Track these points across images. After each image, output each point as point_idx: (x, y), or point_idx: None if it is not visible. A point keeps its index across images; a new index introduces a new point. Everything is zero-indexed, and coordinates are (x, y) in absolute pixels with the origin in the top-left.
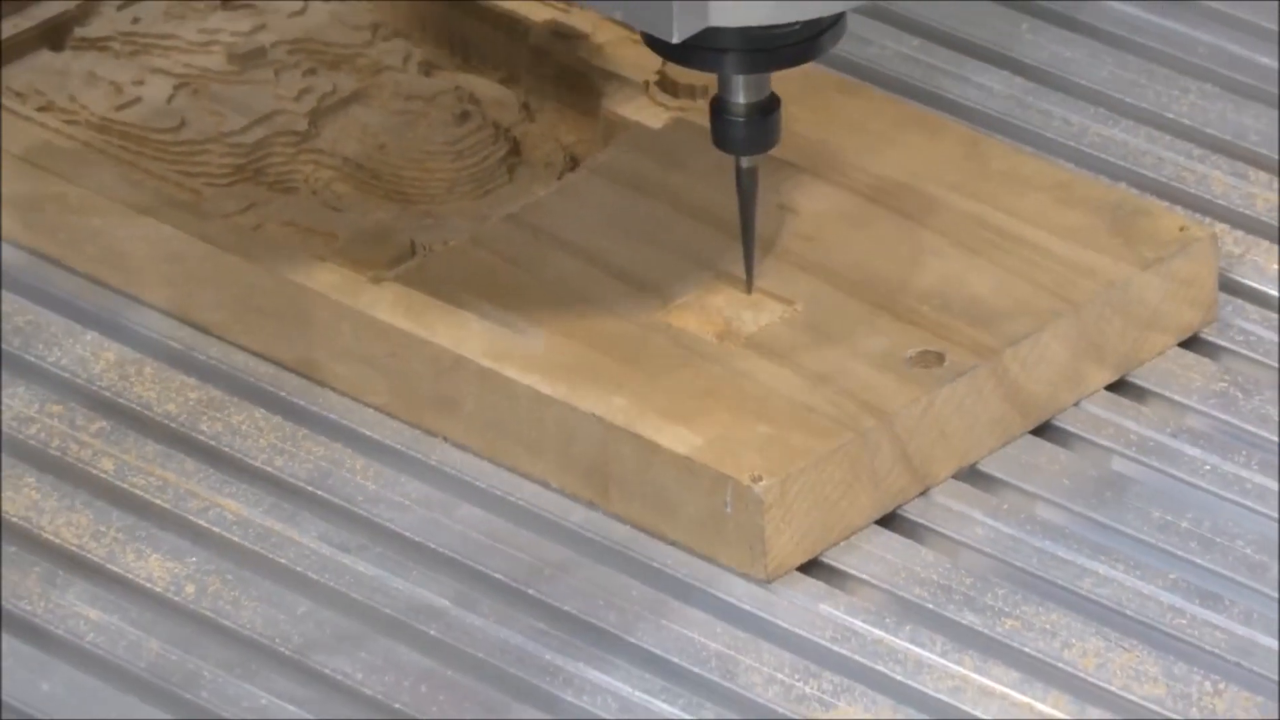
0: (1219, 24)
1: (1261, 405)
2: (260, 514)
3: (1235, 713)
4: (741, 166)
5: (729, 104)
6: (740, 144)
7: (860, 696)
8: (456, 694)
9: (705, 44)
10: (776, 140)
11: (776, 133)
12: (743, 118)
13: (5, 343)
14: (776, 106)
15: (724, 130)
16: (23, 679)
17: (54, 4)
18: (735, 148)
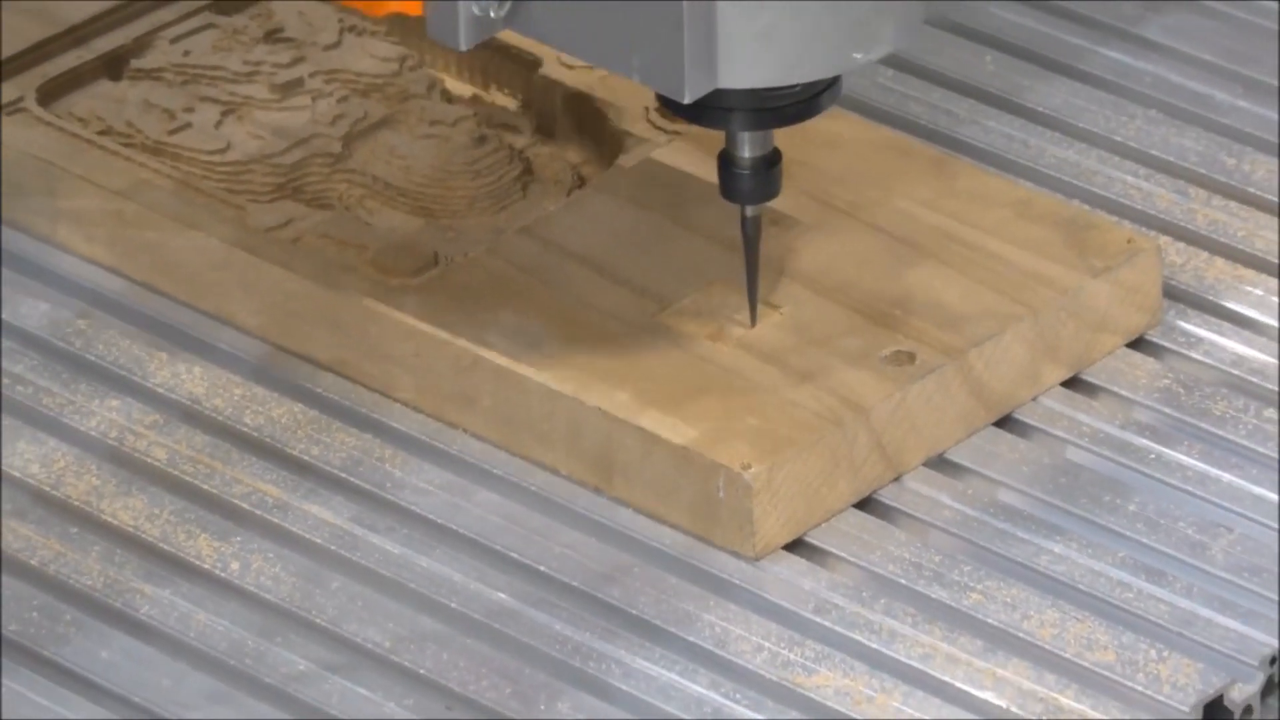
0: (1161, 56)
1: (1201, 400)
2: (298, 498)
3: (1178, 678)
4: (747, 215)
5: (735, 158)
6: (746, 195)
7: (840, 663)
8: (474, 659)
9: (714, 103)
10: (778, 191)
11: (778, 184)
12: (748, 170)
13: (67, 344)
14: (779, 160)
15: (731, 182)
16: (84, 647)
17: (113, 37)
18: (741, 198)
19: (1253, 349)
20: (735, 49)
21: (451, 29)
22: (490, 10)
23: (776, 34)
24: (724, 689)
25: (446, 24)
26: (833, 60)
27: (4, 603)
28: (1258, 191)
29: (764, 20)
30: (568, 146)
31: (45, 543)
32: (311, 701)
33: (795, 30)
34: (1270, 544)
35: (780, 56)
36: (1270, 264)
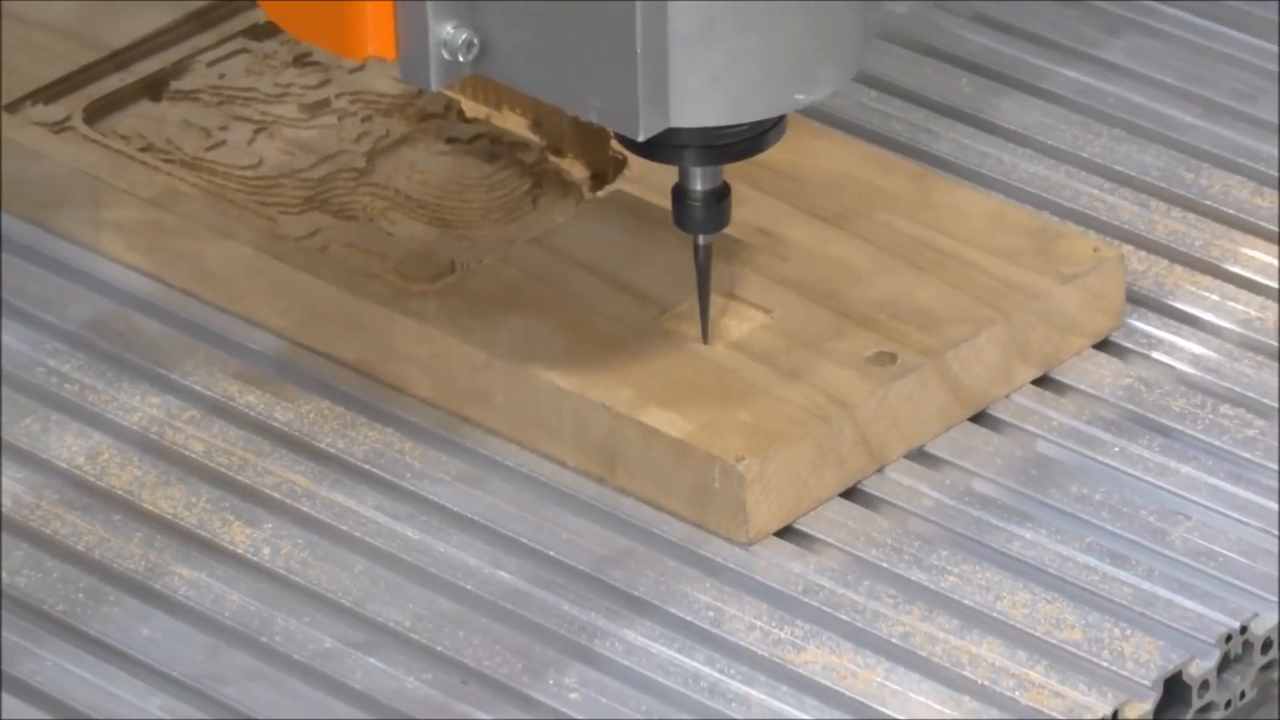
0: (1124, 78)
1: (1161, 397)
2: (325, 488)
3: (1140, 655)
4: (698, 244)
5: (688, 191)
6: (698, 225)
7: (826, 641)
8: (488, 637)
9: (667, 141)
10: (728, 222)
11: (728, 215)
12: (700, 203)
13: (110, 344)
14: (728, 193)
15: (683, 213)
16: (127, 625)
17: (153, 62)
18: (693, 228)
19: (1209, 350)
20: (686, 90)
21: (424, 72)
22: (459, 55)
23: (725, 77)
24: (719, 665)
25: (419, 68)
26: (777, 101)
27: (52, 584)
28: (1214, 204)
29: (713, 64)
30: (574, 163)
31: (90, 529)
32: (336, 676)
33: (742, 73)
34: (1225, 530)
35: (728, 98)
36: (1225, 270)
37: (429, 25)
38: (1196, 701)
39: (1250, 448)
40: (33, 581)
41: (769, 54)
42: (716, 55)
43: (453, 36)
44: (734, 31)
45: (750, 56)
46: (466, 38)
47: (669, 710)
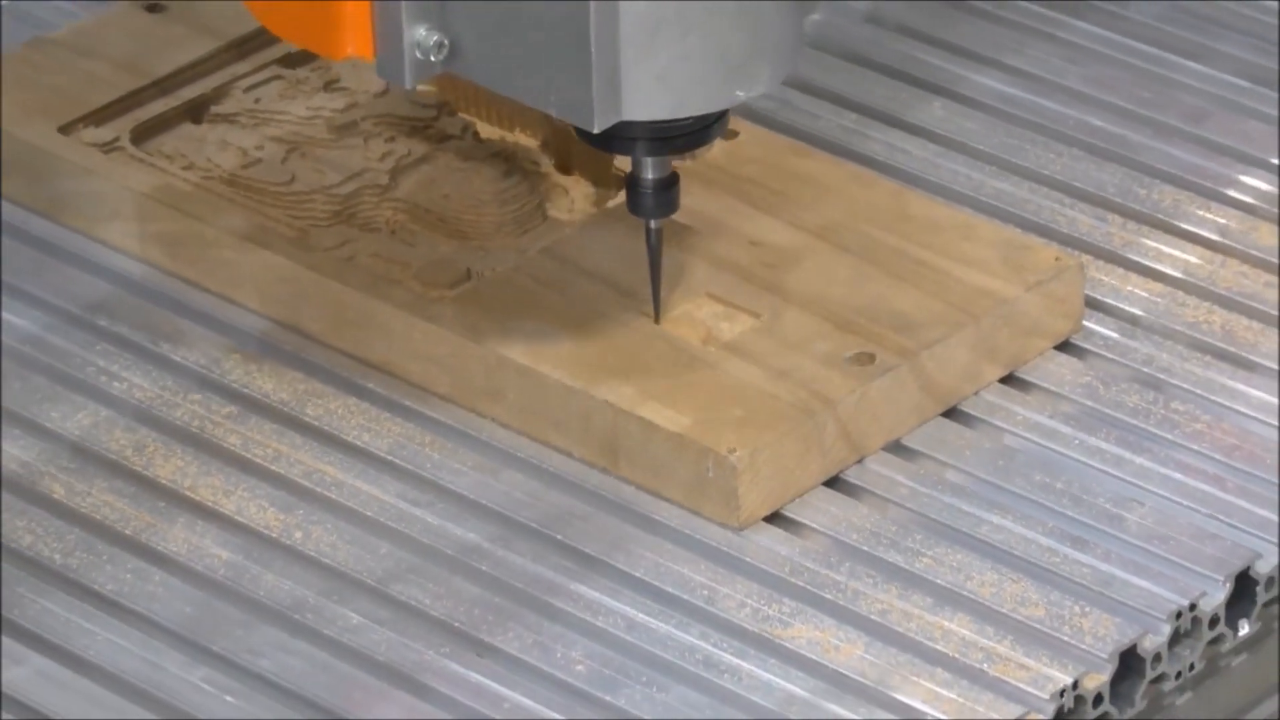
0: (1084, 103)
1: (1117, 394)
2: (351, 477)
3: (1098, 630)
4: (650, 227)
5: (640, 179)
6: (649, 210)
7: (811, 617)
8: (502, 615)
9: (620, 134)
10: (676, 208)
11: (677, 202)
12: (651, 190)
13: (157, 346)
14: (676, 181)
15: (636, 200)
16: (171, 603)
17: (195, 88)
18: (645, 213)
19: (1160, 351)
20: (636, 87)
21: (399, 70)
22: (431, 55)
23: (671, 75)
24: (712, 639)
25: (394, 66)
26: (719, 97)
27: (101, 566)
28: (1165, 218)
29: (660, 63)
30: (581, 179)
31: (137, 515)
32: (363, 650)
33: (687, 72)
34: (1176, 516)
35: (674, 94)
36: (1174, 278)
37: (403, 27)
38: (1149, 673)
39: (1198, 440)
40: (84, 562)
41: (710, 55)
42: (663, 56)
43: (425, 38)
44: (679, 34)
45: (694, 57)
46: (438, 39)
47: (667, 681)
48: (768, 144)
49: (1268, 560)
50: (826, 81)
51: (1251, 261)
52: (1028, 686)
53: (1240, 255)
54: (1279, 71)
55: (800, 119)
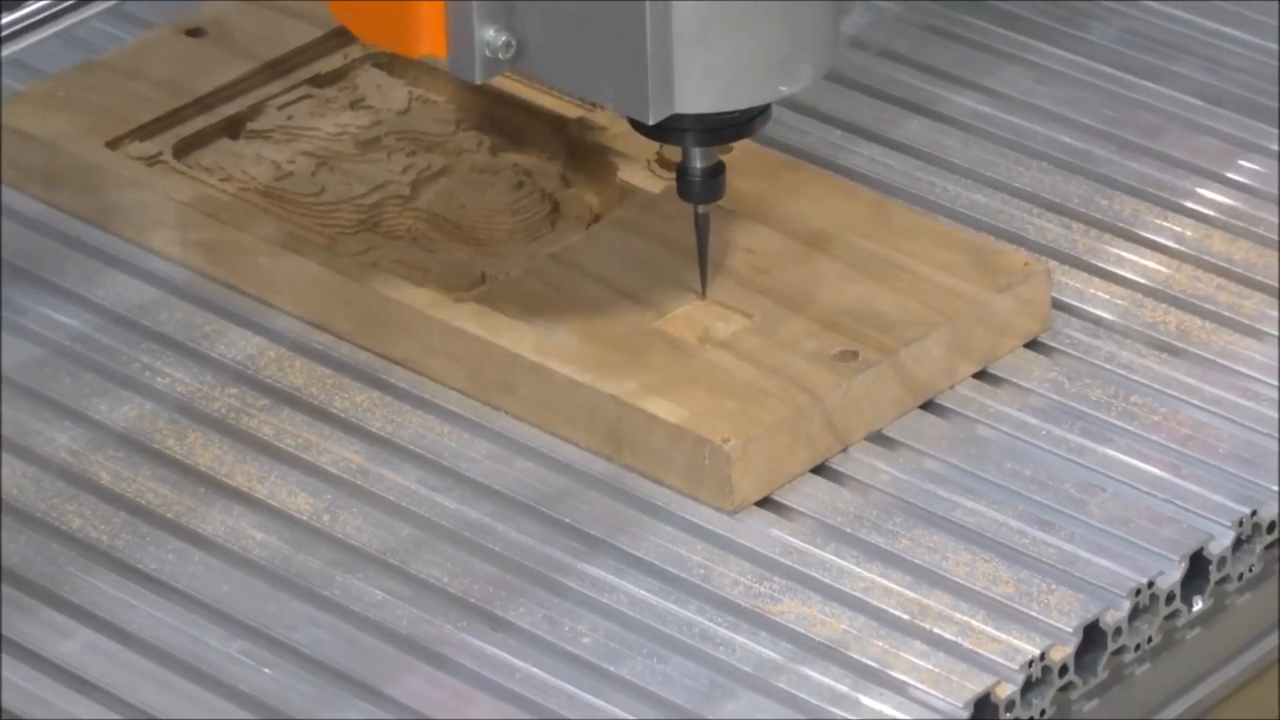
0: (1052, 121)
1: (1082, 389)
2: (376, 464)
3: (1063, 606)
4: (698, 212)
5: (689, 168)
6: (697, 196)
7: (799, 594)
8: (513, 591)
9: (672, 125)
10: (723, 194)
11: (723, 188)
12: (699, 178)
13: (197, 344)
14: (723, 170)
15: (686, 187)
16: (210, 582)
17: (232, 106)
18: (694, 199)
19: (1121, 349)
20: (687, 82)
21: (470, 67)
22: (499, 54)
23: (719, 71)
24: (708, 614)
25: (466, 64)
26: (763, 91)
27: (145, 547)
28: (1125, 226)
29: (709, 60)
30: (586, 191)
31: (179, 499)
32: (386, 623)
33: (734, 67)
34: (1135, 500)
35: (722, 88)
36: (1134, 282)
37: (474, 28)
38: (1111, 645)
39: (1155, 431)
40: (129, 543)
41: (755, 52)
42: (712, 53)
43: (494, 38)
44: (726, 33)
45: (740, 54)
46: (506, 39)
47: (667, 653)
48: (761, 158)
49: (1220, 542)
50: (815, 101)
51: (1205, 267)
52: (999, 658)
53: (1194, 261)
54: (1230, 91)
55: (791, 135)
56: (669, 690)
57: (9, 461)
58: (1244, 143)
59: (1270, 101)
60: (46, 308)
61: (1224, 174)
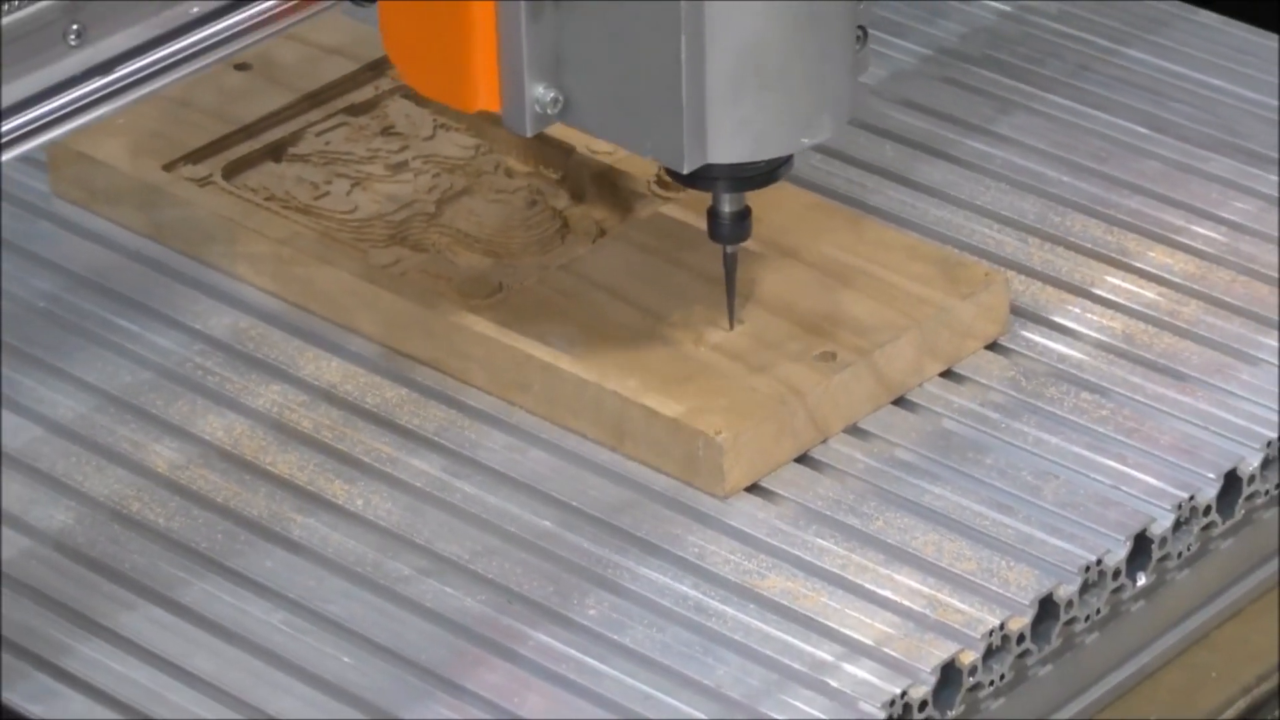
0: (1010, 146)
1: (1037, 387)
2: (404, 454)
3: (1021, 581)
4: (727, 252)
5: (719, 212)
6: (726, 238)
7: (783, 570)
8: (528, 568)
9: (704, 174)
10: (749, 235)
11: (749, 230)
12: (728, 221)
13: (242, 346)
14: (749, 214)
15: (716, 229)
16: (255, 559)
17: (275, 132)
18: (723, 240)
19: (1073, 351)
20: (719, 135)
21: (521, 121)
22: (548, 109)
23: (748, 124)
24: (703, 589)
25: (518, 118)
26: (788, 142)
27: (197, 529)
28: (1075, 240)
29: (739, 114)
30: (593, 208)
31: (225, 486)
32: (412, 597)
33: (762, 120)
34: (1085, 486)
35: (751, 140)
36: (1085, 290)
37: (525, 85)
38: (1063, 616)
39: (1104, 424)
40: (184, 526)
41: (782, 107)
42: (742, 108)
43: (543, 94)
44: (755, 90)
45: (767, 108)
46: (554, 95)
47: (665, 623)
48: None
49: (1161, 523)
50: None
51: (1147, 276)
52: (962, 627)
53: (1139, 272)
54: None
55: None
56: (667, 657)
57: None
58: (1183, 165)
59: (1205, 128)
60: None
61: (1164, 194)
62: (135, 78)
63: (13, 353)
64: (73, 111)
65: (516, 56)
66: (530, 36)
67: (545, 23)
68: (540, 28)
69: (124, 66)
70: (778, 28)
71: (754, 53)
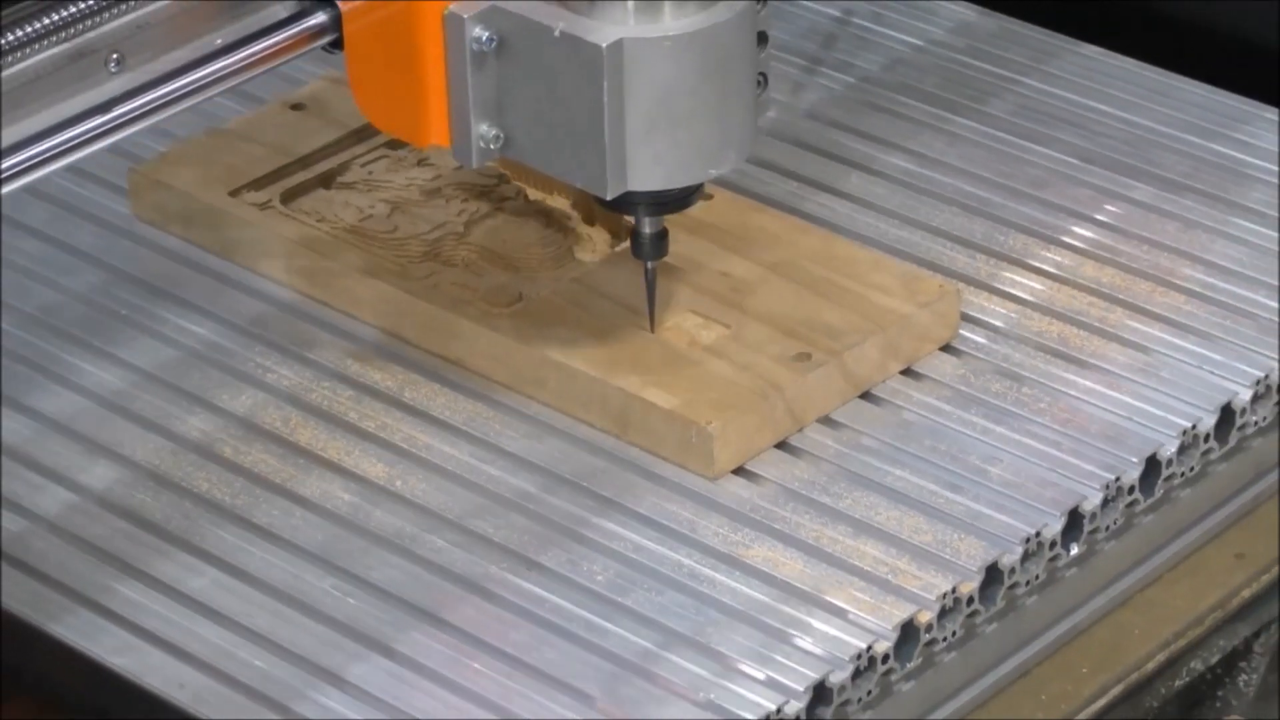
0: (959, 174)
1: (984, 383)
2: (436, 441)
3: (970, 551)
4: (648, 267)
5: (640, 233)
6: (646, 254)
7: (765, 542)
8: (543, 539)
9: (626, 200)
10: (666, 253)
11: (666, 249)
12: (648, 240)
13: (298, 348)
14: (666, 234)
15: (637, 247)
16: (308, 532)
17: (326, 163)
18: (644, 256)
19: (1015, 351)
20: (638, 166)
21: (467, 155)
22: (490, 144)
23: (663, 157)
24: (694, 557)
25: (464, 152)
26: (697, 173)
27: (259, 505)
28: (1017, 257)
29: (655, 149)
30: (600, 229)
31: (283, 468)
32: (445, 565)
33: (674, 155)
34: (1025, 470)
35: (666, 171)
36: (1025, 300)
37: (471, 124)
38: (1007, 581)
39: (1041, 415)
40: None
41: (692, 143)
42: (656, 143)
43: (486, 131)
44: (669, 129)
45: (680, 144)
46: (495, 132)
47: (662, 587)
48: (734, 203)
49: (1091, 501)
50: (776, 159)
51: (1079, 288)
52: (920, 591)
53: (1072, 284)
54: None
55: (757, 185)
56: (665, 617)
57: (153, 439)
58: (1109, 192)
59: (1128, 160)
60: (181, 320)
61: (1093, 216)
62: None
63: (74, 341)
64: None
65: (463, 99)
66: (475, 82)
67: (488, 70)
68: (483, 75)
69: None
70: (686, 75)
71: (666, 97)
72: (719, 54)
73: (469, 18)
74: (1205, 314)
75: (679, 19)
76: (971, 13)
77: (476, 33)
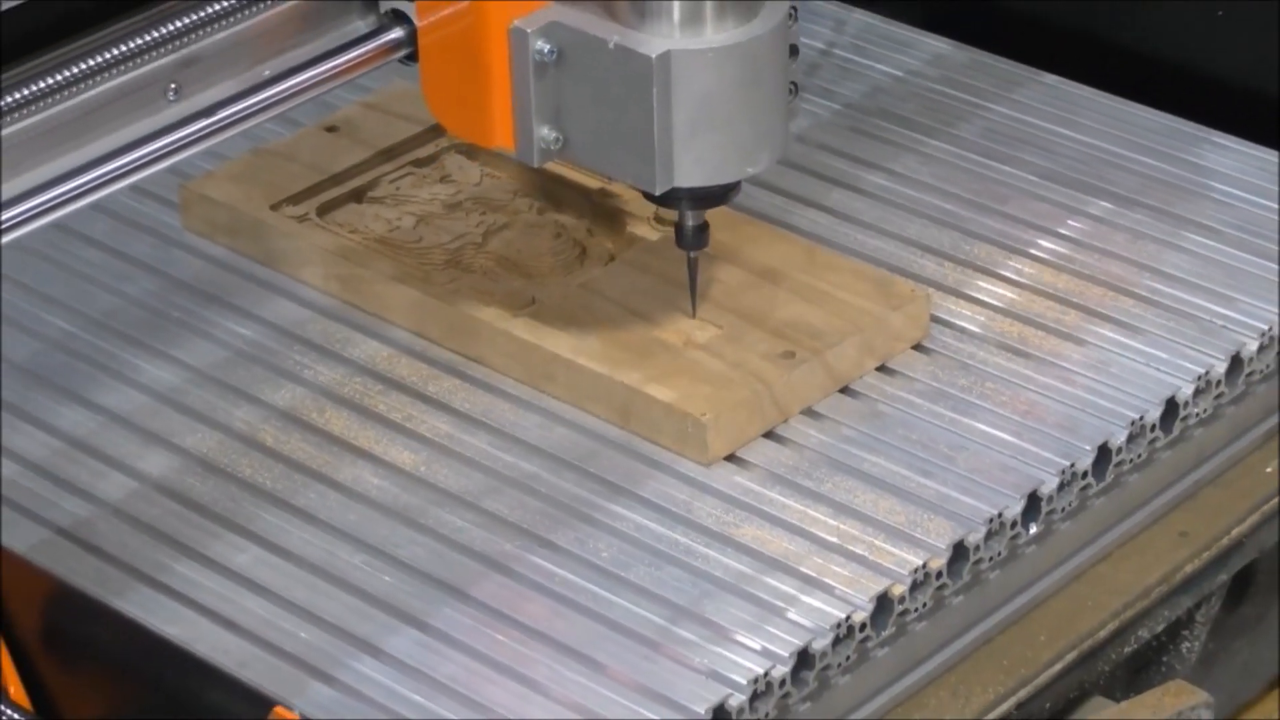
0: (930, 190)
1: (951, 379)
2: (458, 431)
3: (939, 530)
4: (691, 257)
5: (683, 226)
6: (689, 244)
7: (754, 523)
8: (552, 520)
9: (671, 195)
10: (707, 244)
11: (708, 239)
12: (690, 232)
13: (333, 348)
14: (707, 226)
15: (681, 238)
16: (341, 513)
17: (357, 180)
18: (687, 246)
19: (979, 349)
20: (682, 165)
21: (530, 155)
22: (550, 146)
23: (705, 157)
24: (690, 536)
25: (527, 153)
26: (735, 171)
27: (296, 489)
28: (983, 265)
29: (698, 149)
30: (605, 239)
31: (319, 456)
32: (465, 543)
33: (715, 155)
34: (989, 457)
35: (708, 169)
36: (990, 304)
37: (533, 128)
38: (972, 558)
39: (1003, 407)
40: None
41: (730, 144)
42: (701, 144)
43: (547, 135)
44: (710, 131)
45: (720, 145)
46: (555, 135)
47: (661, 563)
48: (728, 216)
49: (1048, 485)
50: (765, 176)
51: (1039, 293)
52: (894, 566)
53: (1032, 289)
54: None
55: (748, 200)
56: (664, 590)
57: (202, 430)
58: (1068, 207)
59: (1088, 178)
60: (228, 322)
61: (1053, 229)
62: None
63: (132, 342)
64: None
65: (526, 105)
66: (536, 90)
67: (548, 79)
68: (544, 83)
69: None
70: (726, 83)
71: (708, 103)
72: (755, 64)
73: (532, 32)
74: (1153, 317)
75: (720, 33)
76: (946, 46)
77: (539, 45)
